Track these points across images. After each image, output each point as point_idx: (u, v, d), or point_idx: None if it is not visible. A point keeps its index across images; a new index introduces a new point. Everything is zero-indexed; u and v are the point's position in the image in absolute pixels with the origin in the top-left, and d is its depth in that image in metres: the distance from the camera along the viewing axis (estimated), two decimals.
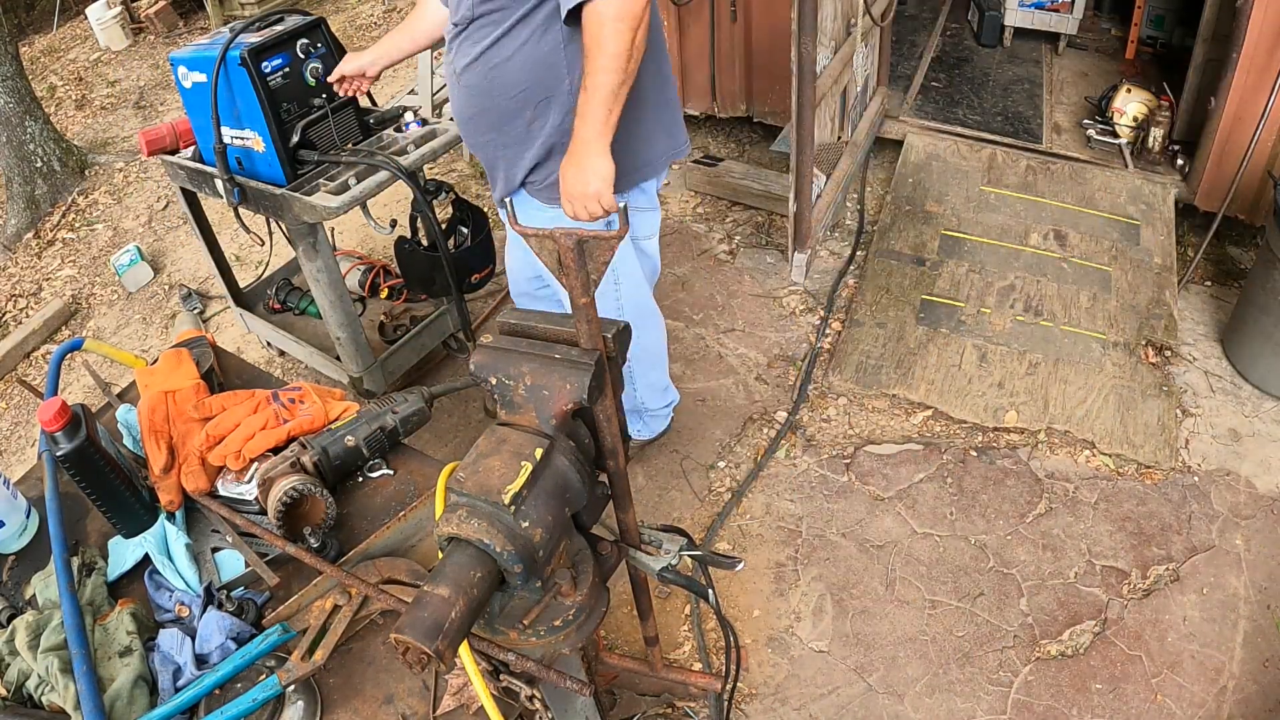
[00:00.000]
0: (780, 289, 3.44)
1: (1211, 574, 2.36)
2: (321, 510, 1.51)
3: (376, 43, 2.30)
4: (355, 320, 2.71)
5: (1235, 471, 2.61)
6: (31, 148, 4.62)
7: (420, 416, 1.66)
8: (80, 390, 3.47)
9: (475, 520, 1.00)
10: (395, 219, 2.72)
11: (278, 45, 2.32)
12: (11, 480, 1.65)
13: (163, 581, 1.48)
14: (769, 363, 3.13)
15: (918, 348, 3.04)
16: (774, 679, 2.24)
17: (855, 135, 3.79)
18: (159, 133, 2.64)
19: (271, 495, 1.47)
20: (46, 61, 6.90)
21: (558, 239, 1.03)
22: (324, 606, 1.39)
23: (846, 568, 2.47)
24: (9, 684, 1.35)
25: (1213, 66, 3.35)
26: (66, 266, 4.34)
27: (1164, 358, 2.90)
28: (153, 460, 1.60)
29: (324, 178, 2.44)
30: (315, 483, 1.50)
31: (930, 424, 2.83)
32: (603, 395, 1.10)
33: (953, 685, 2.19)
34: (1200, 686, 2.14)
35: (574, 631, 1.15)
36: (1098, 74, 4.35)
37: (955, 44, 4.73)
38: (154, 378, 1.73)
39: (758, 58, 3.78)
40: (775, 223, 3.75)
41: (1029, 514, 2.55)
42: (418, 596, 0.97)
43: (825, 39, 3.16)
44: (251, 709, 1.26)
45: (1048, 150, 3.79)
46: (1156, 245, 3.30)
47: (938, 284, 3.25)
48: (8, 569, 1.59)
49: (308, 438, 1.59)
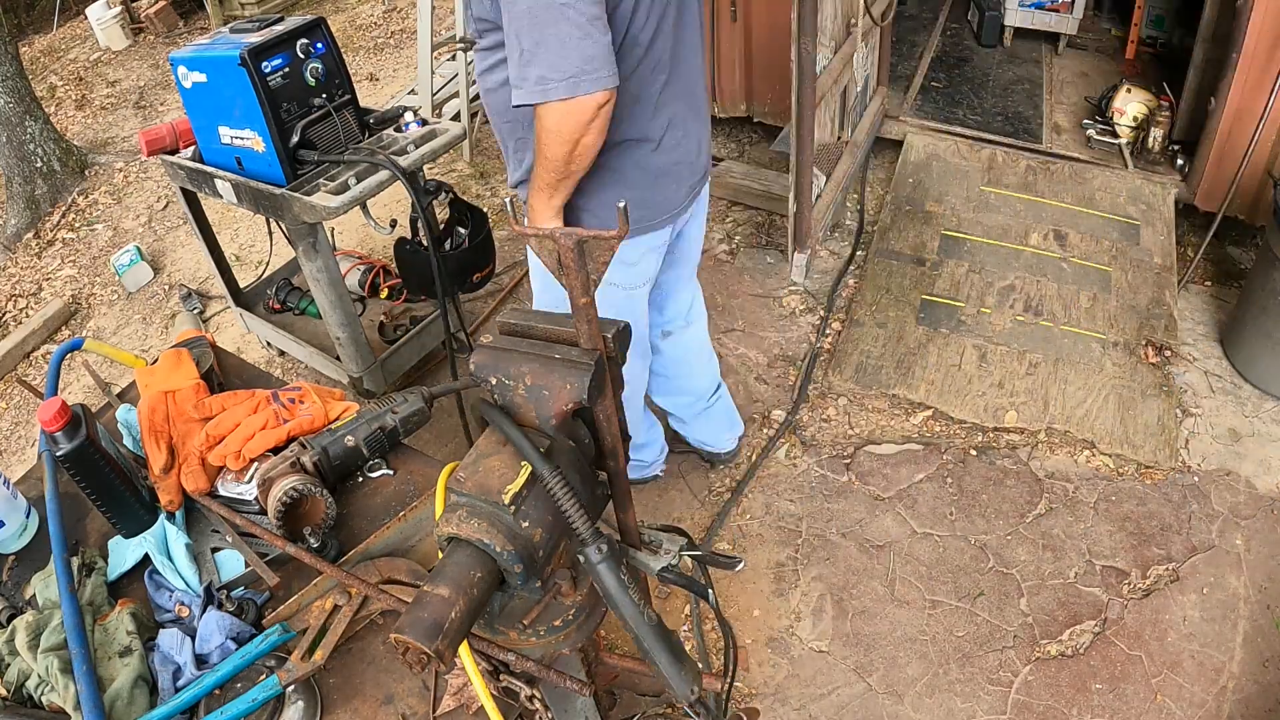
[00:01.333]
0: (780, 289, 3.44)
1: (1211, 574, 2.36)
2: (321, 510, 1.51)
3: None
4: (355, 320, 2.72)
5: (1235, 471, 2.61)
6: (31, 148, 4.62)
7: (420, 416, 1.65)
8: (80, 390, 3.47)
9: (475, 520, 1.00)
10: (395, 219, 2.72)
11: (278, 45, 2.32)
12: (11, 480, 1.65)
13: (162, 582, 1.48)
14: (769, 363, 3.13)
15: (918, 348, 3.04)
16: (774, 679, 2.24)
17: (855, 135, 3.79)
18: (159, 133, 2.64)
19: (271, 495, 1.47)
20: (46, 61, 6.90)
21: (557, 239, 1.03)
22: (324, 606, 1.39)
23: (846, 568, 2.47)
24: (9, 684, 1.34)
25: (1213, 66, 3.35)
26: (66, 266, 4.34)
27: (1164, 358, 2.90)
28: (152, 460, 1.60)
29: (324, 178, 2.44)
30: (315, 483, 1.50)
31: (930, 424, 2.83)
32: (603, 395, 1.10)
33: (953, 685, 2.19)
34: (1200, 686, 2.14)
35: (574, 631, 1.15)
36: (1098, 74, 4.35)
37: (955, 44, 4.73)
38: (154, 378, 1.73)
39: (758, 58, 3.78)
40: (775, 223, 3.75)
41: (1029, 514, 2.55)
42: (418, 596, 0.97)
43: (825, 39, 3.16)
44: (251, 709, 1.26)
45: (1048, 150, 3.79)
46: (1156, 245, 3.30)
47: (938, 284, 3.25)
48: (8, 569, 1.59)
49: (308, 438, 1.59)
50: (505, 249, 3.76)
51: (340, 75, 2.49)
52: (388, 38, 6.17)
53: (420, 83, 4.33)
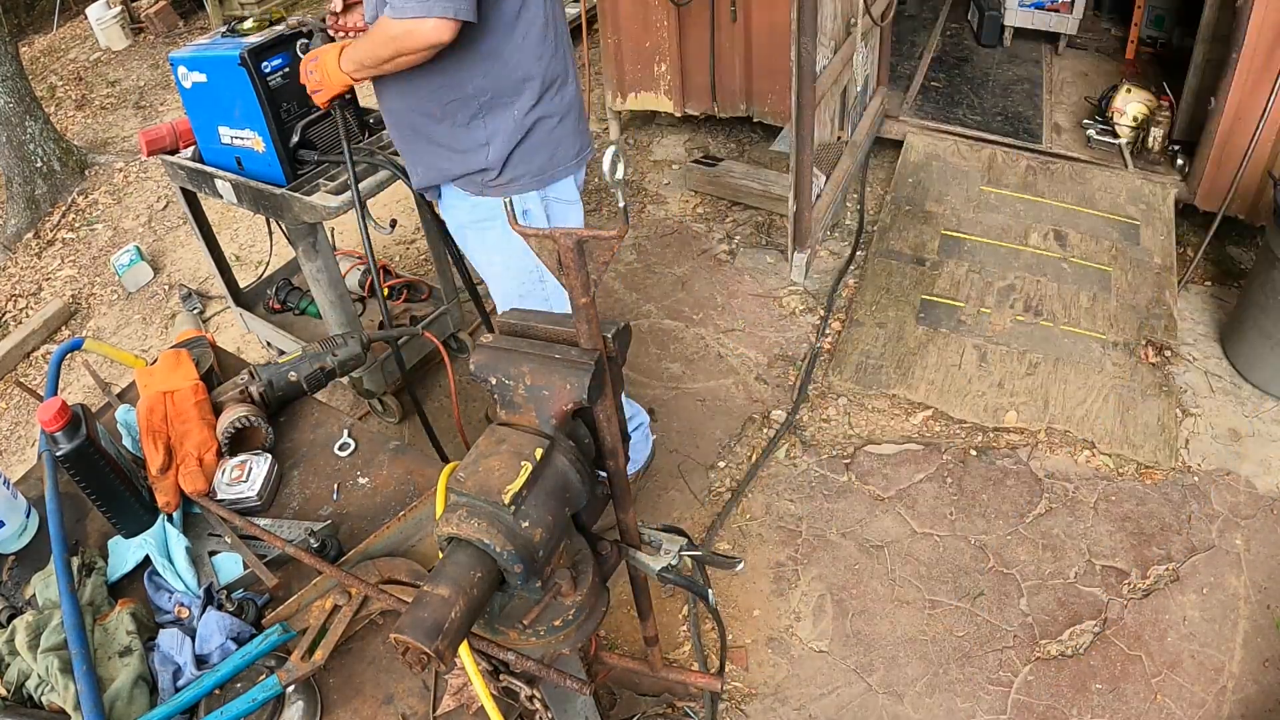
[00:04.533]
0: (780, 289, 3.44)
1: (1211, 574, 2.36)
2: (262, 437, 1.71)
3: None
4: (355, 320, 2.71)
5: (1235, 471, 2.61)
6: (31, 148, 4.62)
7: (357, 360, 1.84)
8: (80, 390, 3.47)
9: (475, 520, 1.00)
10: (395, 219, 2.72)
11: (278, 45, 2.32)
12: (11, 480, 1.65)
13: (162, 583, 1.48)
14: (769, 363, 3.13)
15: (918, 348, 3.04)
16: (774, 679, 2.24)
17: (855, 135, 3.79)
18: (159, 133, 2.64)
19: (222, 419, 1.67)
20: (46, 61, 6.90)
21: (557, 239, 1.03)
22: (324, 606, 1.39)
23: (846, 568, 2.47)
24: (9, 684, 1.34)
25: (1213, 66, 3.35)
26: (66, 266, 4.34)
27: (1164, 358, 2.90)
28: (150, 461, 1.60)
29: (324, 178, 2.44)
30: (258, 413, 1.69)
31: (930, 424, 2.83)
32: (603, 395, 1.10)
33: (953, 685, 2.19)
34: (1200, 686, 2.14)
35: (574, 631, 1.15)
36: (1098, 74, 4.35)
37: (955, 44, 4.74)
38: (153, 378, 1.72)
39: (758, 58, 3.78)
40: (775, 223, 3.75)
41: (1029, 514, 2.55)
42: (418, 596, 0.97)
43: (825, 39, 3.17)
44: (251, 709, 1.26)
45: (1048, 150, 3.79)
46: (1156, 245, 3.30)
47: (938, 284, 3.25)
48: (8, 569, 1.59)
49: (256, 366, 1.77)
50: None
51: None
52: None
53: None
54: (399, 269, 3.56)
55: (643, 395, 3.04)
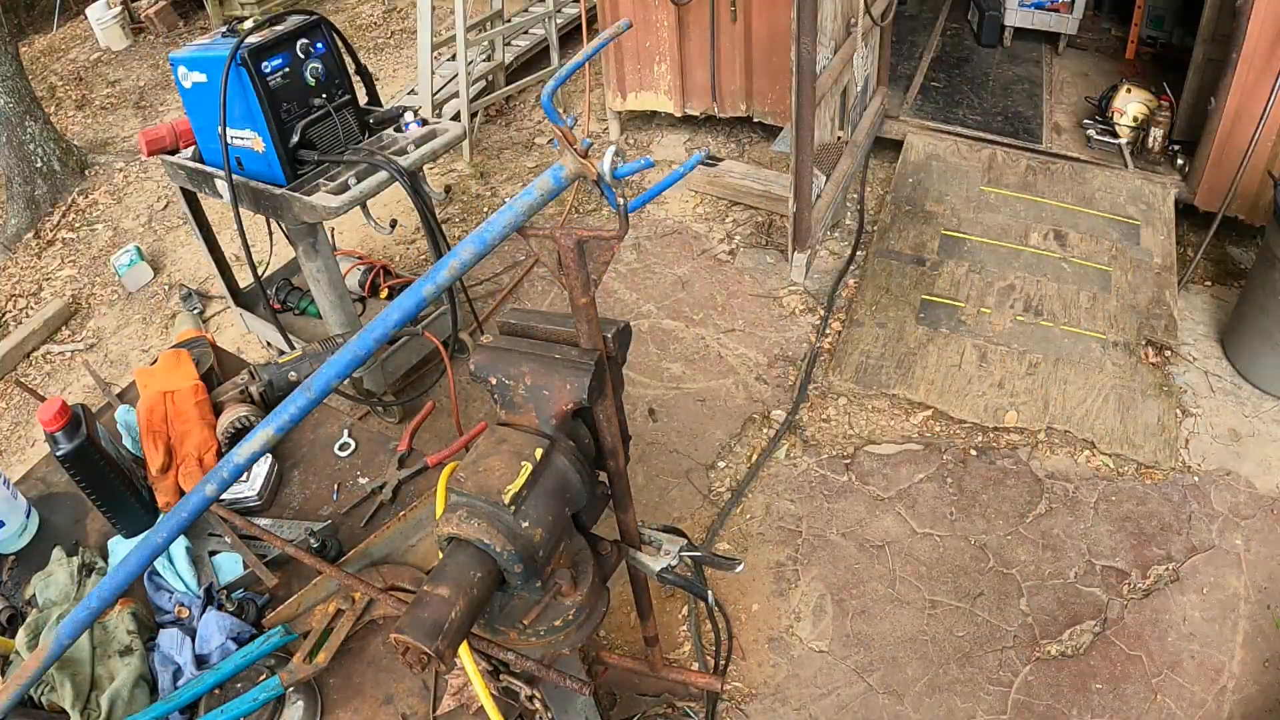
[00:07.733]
0: (780, 289, 3.43)
1: (1211, 574, 2.36)
2: None
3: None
4: (355, 320, 2.71)
5: (1235, 471, 2.61)
6: (31, 148, 4.62)
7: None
8: (80, 390, 3.47)
9: (475, 520, 1.00)
10: (395, 219, 2.72)
11: (278, 45, 2.32)
12: (11, 480, 1.65)
13: (162, 583, 1.48)
14: (769, 363, 3.13)
15: (918, 348, 3.04)
16: (774, 679, 2.24)
17: (855, 135, 3.79)
18: (159, 133, 2.64)
19: (222, 419, 1.68)
20: (46, 61, 6.90)
21: (558, 239, 1.03)
22: (327, 610, 1.39)
23: (846, 568, 2.47)
24: None
25: (1213, 66, 3.35)
26: (66, 266, 4.34)
27: (1164, 358, 2.90)
28: (150, 461, 1.60)
29: (324, 178, 2.44)
30: (258, 413, 1.69)
31: (930, 424, 2.83)
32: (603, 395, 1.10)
33: (953, 685, 2.19)
34: (1200, 686, 2.14)
35: (574, 631, 1.15)
36: (1098, 74, 4.35)
37: (955, 44, 4.73)
38: (153, 378, 1.73)
39: (758, 58, 3.78)
40: (775, 223, 3.75)
41: (1029, 514, 2.55)
42: (418, 596, 0.97)
43: (825, 39, 3.16)
44: (251, 709, 1.26)
45: (1048, 150, 3.79)
46: (1156, 245, 3.30)
47: (938, 284, 3.25)
48: (8, 569, 1.59)
49: (256, 366, 1.78)
50: (505, 249, 3.76)
51: (340, 75, 2.49)
52: (388, 38, 6.17)
53: (420, 83, 4.33)
54: (399, 269, 3.55)
55: (643, 395, 3.04)
